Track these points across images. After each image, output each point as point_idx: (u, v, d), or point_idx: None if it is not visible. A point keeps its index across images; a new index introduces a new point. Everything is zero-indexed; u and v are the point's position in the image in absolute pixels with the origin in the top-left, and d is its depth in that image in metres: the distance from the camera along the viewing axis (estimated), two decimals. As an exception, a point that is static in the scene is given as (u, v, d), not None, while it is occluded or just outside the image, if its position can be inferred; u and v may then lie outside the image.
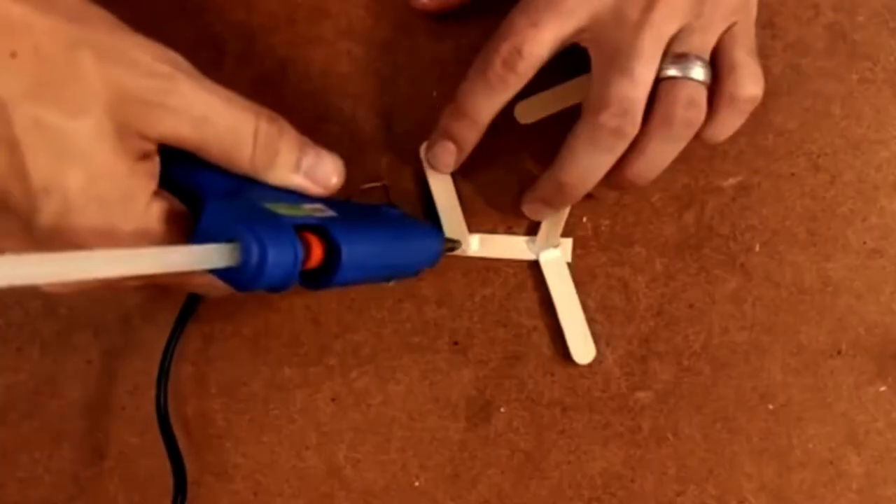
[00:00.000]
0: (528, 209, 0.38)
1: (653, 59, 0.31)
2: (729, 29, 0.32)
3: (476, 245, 0.39)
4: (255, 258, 0.24)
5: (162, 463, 0.38)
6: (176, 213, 0.29)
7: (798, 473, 0.37)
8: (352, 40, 0.40)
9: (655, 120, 0.32)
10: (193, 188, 0.29)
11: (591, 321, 0.38)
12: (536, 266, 0.39)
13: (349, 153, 0.36)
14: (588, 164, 0.33)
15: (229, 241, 0.25)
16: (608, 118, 0.31)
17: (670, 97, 0.31)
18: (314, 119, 0.40)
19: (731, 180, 0.38)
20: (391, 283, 0.39)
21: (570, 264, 0.38)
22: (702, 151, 0.38)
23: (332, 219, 0.29)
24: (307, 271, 0.27)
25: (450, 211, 0.38)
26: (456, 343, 0.39)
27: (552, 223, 0.38)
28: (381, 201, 0.39)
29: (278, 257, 0.25)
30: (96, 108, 0.26)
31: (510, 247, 0.39)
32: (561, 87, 0.37)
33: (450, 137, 0.35)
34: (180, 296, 0.39)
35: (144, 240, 0.28)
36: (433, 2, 0.38)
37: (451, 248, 0.37)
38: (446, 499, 0.39)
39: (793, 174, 0.38)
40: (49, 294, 0.30)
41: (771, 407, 0.38)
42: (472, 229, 0.39)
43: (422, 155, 0.38)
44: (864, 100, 0.38)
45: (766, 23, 0.38)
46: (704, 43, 0.32)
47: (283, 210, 0.27)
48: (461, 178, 0.39)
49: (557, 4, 0.32)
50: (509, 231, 0.39)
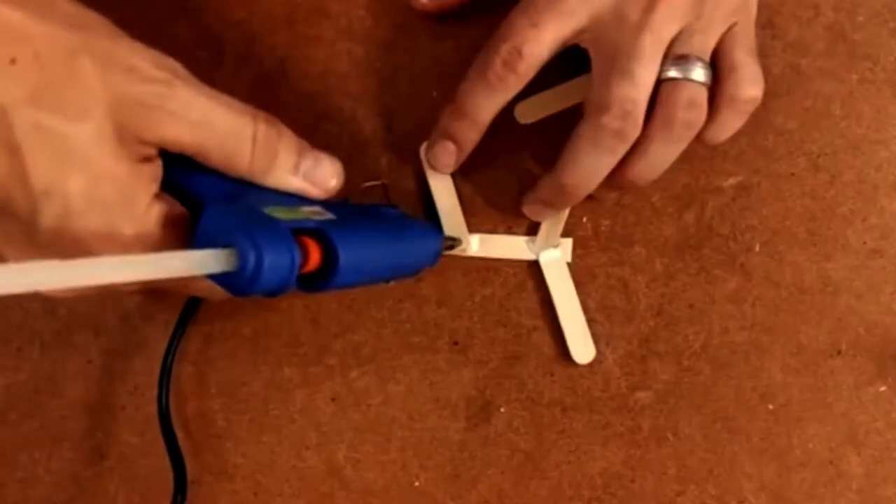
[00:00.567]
0: (529, 210, 0.38)
1: (653, 61, 0.31)
2: (729, 29, 0.32)
3: (476, 245, 0.39)
4: (251, 264, 0.24)
5: (162, 463, 0.38)
6: (176, 217, 0.29)
7: (798, 473, 0.37)
8: (352, 40, 0.40)
9: (656, 122, 0.32)
10: (193, 192, 0.30)
11: (591, 321, 0.38)
12: (536, 266, 0.39)
13: (349, 153, 0.36)
14: (590, 165, 0.33)
15: (226, 246, 0.25)
16: (610, 120, 0.31)
17: (671, 99, 0.31)
18: (314, 119, 0.40)
19: (731, 180, 0.38)
20: (391, 283, 0.39)
21: (570, 264, 0.38)
22: (702, 151, 0.38)
23: (330, 222, 0.29)
24: (305, 275, 0.27)
25: (450, 211, 0.38)
26: (456, 343, 0.39)
27: (552, 223, 0.38)
28: (381, 200, 0.39)
29: (275, 262, 0.25)
30: (97, 113, 0.26)
31: (510, 247, 0.39)
32: (561, 87, 0.37)
33: (450, 137, 0.35)
34: (180, 297, 0.39)
35: (145, 243, 0.28)
36: (433, 2, 0.38)
37: (451, 247, 0.37)
38: (446, 499, 0.39)
39: (793, 174, 0.38)
40: (49, 295, 0.31)
41: (771, 407, 0.38)
42: (472, 229, 0.39)
43: (422, 155, 0.38)
44: (864, 100, 0.38)
45: (766, 23, 0.38)
46: (705, 44, 0.32)
47: (281, 214, 0.27)
48: (461, 178, 0.39)
49: (557, 5, 0.32)
50: (509, 231, 0.39)
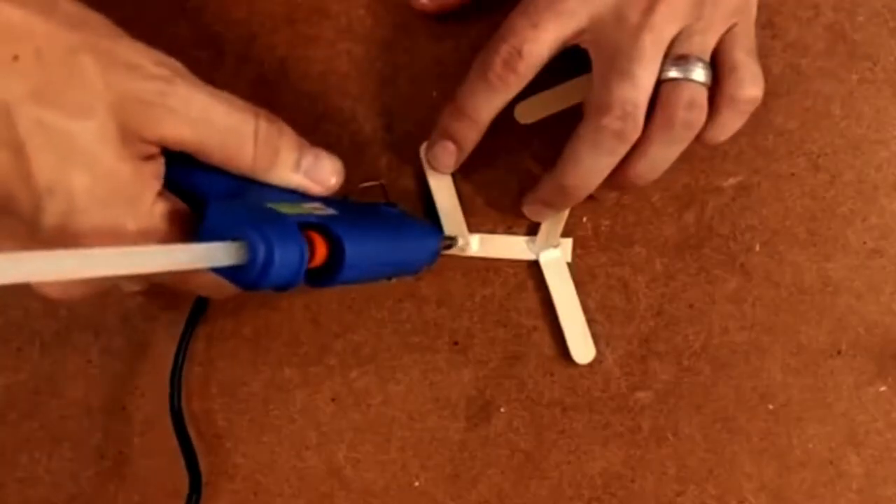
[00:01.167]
0: (529, 210, 0.38)
1: (654, 61, 0.31)
2: (729, 30, 0.32)
3: (476, 245, 0.39)
4: (261, 257, 0.24)
5: (161, 463, 0.38)
6: (180, 214, 0.29)
7: (798, 473, 0.37)
8: (352, 40, 0.40)
9: (656, 122, 0.32)
10: (195, 190, 0.30)
11: (591, 321, 0.38)
12: (536, 266, 0.39)
13: (349, 153, 0.36)
14: (590, 166, 0.33)
15: (235, 240, 0.25)
16: (610, 121, 0.31)
17: (671, 99, 0.31)
18: (314, 119, 0.40)
19: (731, 180, 0.38)
20: (392, 280, 0.39)
21: (570, 264, 0.38)
22: (702, 151, 0.38)
23: (333, 217, 0.29)
24: (311, 269, 0.27)
25: (450, 211, 0.38)
26: (456, 343, 0.39)
27: (552, 223, 0.38)
28: (380, 200, 0.39)
29: (285, 256, 0.25)
30: (99, 110, 0.26)
31: (510, 247, 0.39)
32: (561, 87, 0.37)
33: (450, 138, 0.35)
34: (181, 297, 0.39)
35: (149, 240, 0.28)
36: (433, 2, 0.38)
37: (449, 246, 0.37)
38: (446, 499, 0.39)
39: (793, 174, 0.38)
40: (52, 298, 0.31)
41: (771, 407, 0.38)
42: (472, 229, 0.39)
43: (422, 155, 0.38)
44: (864, 100, 0.38)
45: (766, 23, 0.38)
46: (705, 44, 0.32)
47: (285, 209, 0.27)
48: (461, 178, 0.39)
49: (557, 5, 0.32)
50: (509, 231, 0.39)
